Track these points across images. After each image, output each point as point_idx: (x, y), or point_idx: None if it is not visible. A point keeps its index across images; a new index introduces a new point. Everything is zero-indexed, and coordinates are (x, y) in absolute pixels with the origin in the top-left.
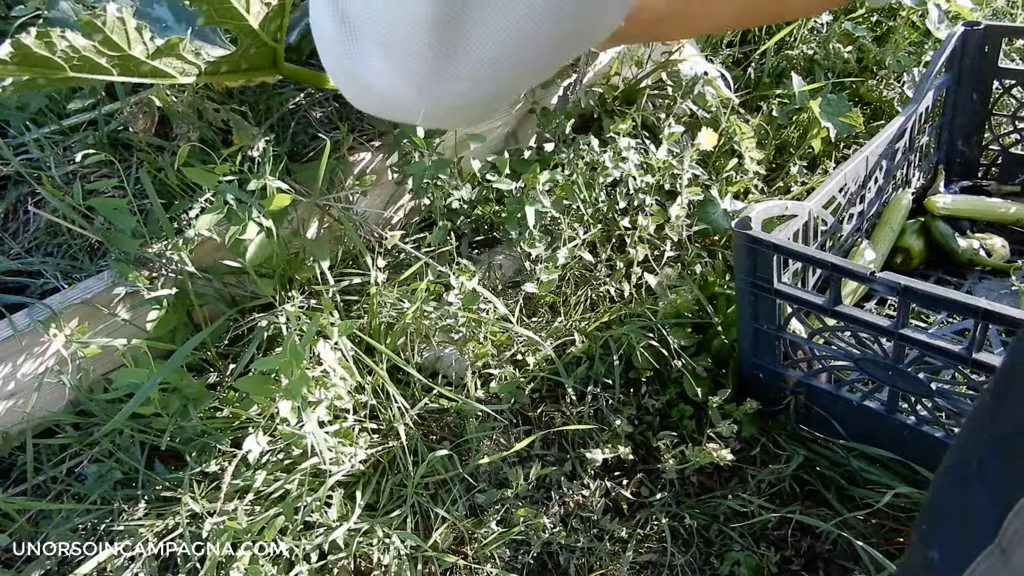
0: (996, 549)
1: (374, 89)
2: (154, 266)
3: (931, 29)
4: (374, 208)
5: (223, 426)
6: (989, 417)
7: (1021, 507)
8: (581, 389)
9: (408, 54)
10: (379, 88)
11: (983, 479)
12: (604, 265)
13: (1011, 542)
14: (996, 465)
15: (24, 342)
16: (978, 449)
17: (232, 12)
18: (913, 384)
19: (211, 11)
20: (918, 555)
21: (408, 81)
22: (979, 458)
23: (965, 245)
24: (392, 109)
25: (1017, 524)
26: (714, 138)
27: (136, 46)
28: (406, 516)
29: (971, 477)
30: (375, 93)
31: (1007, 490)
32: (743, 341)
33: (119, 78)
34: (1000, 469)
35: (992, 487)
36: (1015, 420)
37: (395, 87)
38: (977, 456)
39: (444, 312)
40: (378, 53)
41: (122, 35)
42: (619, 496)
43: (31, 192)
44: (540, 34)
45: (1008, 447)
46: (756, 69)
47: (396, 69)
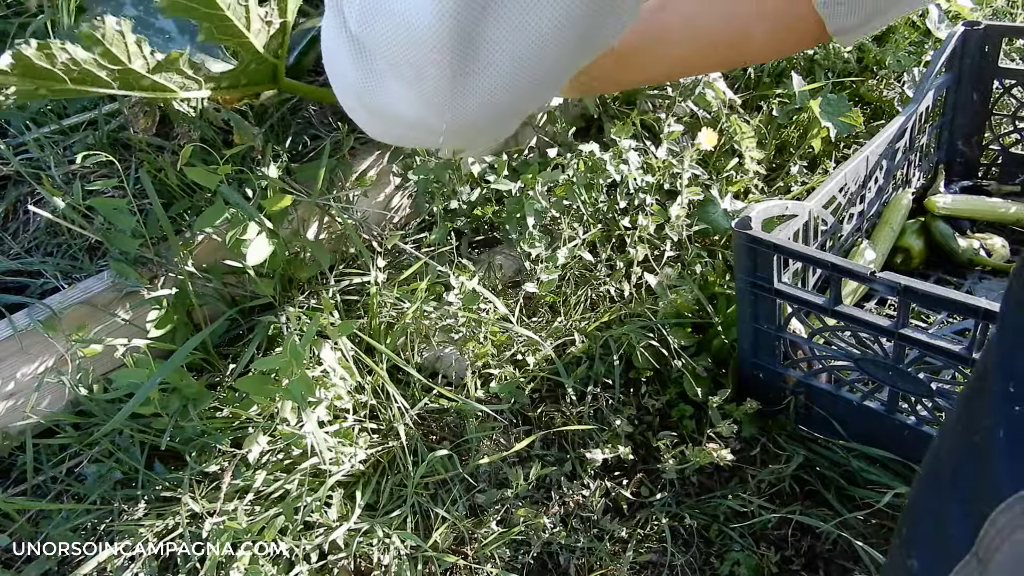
0: (973, 559)
1: (400, 118)
2: (154, 266)
3: (931, 29)
4: (374, 208)
5: (223, 426)
6: (962, 424)
7: (996, 516)
8: (581, 389)
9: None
10: (404, 115)
11: (957, 487)
12: (604, 265)
13: (987, 551)
14: (969, 473)
15: (24, 342)
16: (951, 457)
17: (233, 30)
18: (913, 384)
19: (211, 28)
20: (898, 561)
21: (430, 102)
22: (953, 466)
23: (965, 245)
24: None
25: (993, 533)
26: (714, 138)
27: (136, 60)
28: (406, 516)
29: (945, 485)
30: (400, 121)
31: (981, 499)
32: (743, 341)
33: (119, 92)
34: (974, 477)
35: (966, 496)
36: (986, 428)
37: (418, 110)
38: (951, 464)
39: (444, 312)
40: (399, 81)
41: (122, 48)
42: (619, 496)
43: (31, 192)
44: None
45: (980, 455)
46: (756, 69)
47: (418, 93)
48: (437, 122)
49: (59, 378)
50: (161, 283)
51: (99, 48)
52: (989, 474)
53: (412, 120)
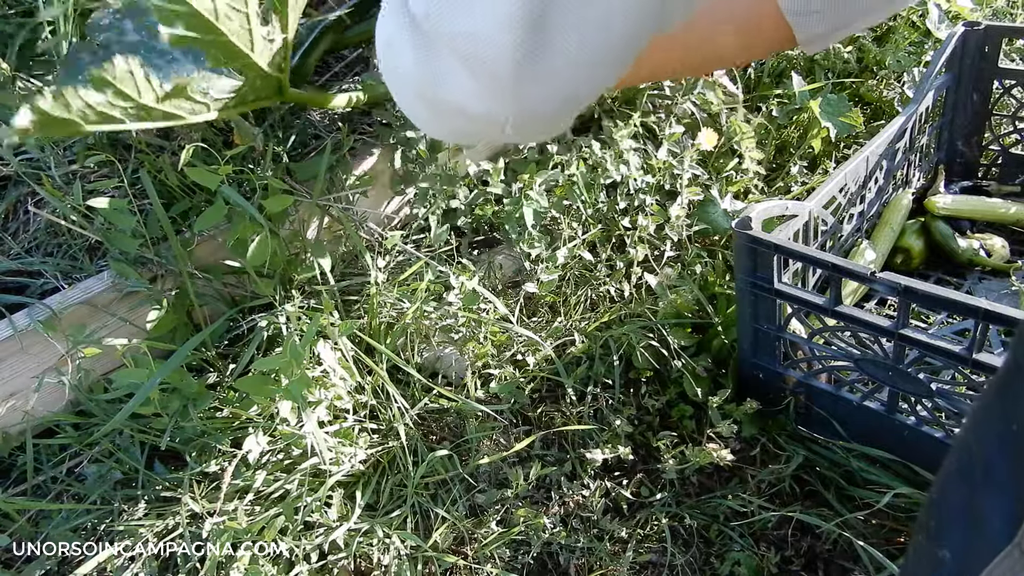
0: (1016, 550)
1: (462, 109)
2: (154, 266)
3: (931, 29)
4: (374, 208)
5: (223, 426)
6: (996, 416)
7: None
8: (581, 389)
9: (496, 61)
10: (467, 106)
11: (992, 479)
12: (604, 265)
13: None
14: (1005, 465)
15: (24, 342)
16: (984, 449)
17: (238, 53)
18: (913, 384)
19: (218, 55)
20: (927, 554)
21: (496, 91)
22: (986, 458)
23: (965, 245)
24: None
25: None
26: (714, 138)
27: (147, 94)
28: (406, 516)
29: (979, 477)
30: (462, 113)
31: (1020, 490)
32: (743, 341)
33: (133, 126)
34: (1010, 469)
35: (1003, 487)
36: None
37: (484, 102)
38: (984, 456)
39: (444, 312)
40: (466, 71)
41: (132, 86)
42: (619, 496)
43: (31, 192)
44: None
45: (1017, 447)
46: (756, 69)
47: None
48: (502, 112)
49: (59, 378)
50: (161, 283)
51: (111, 89)
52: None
53: (476, 112)
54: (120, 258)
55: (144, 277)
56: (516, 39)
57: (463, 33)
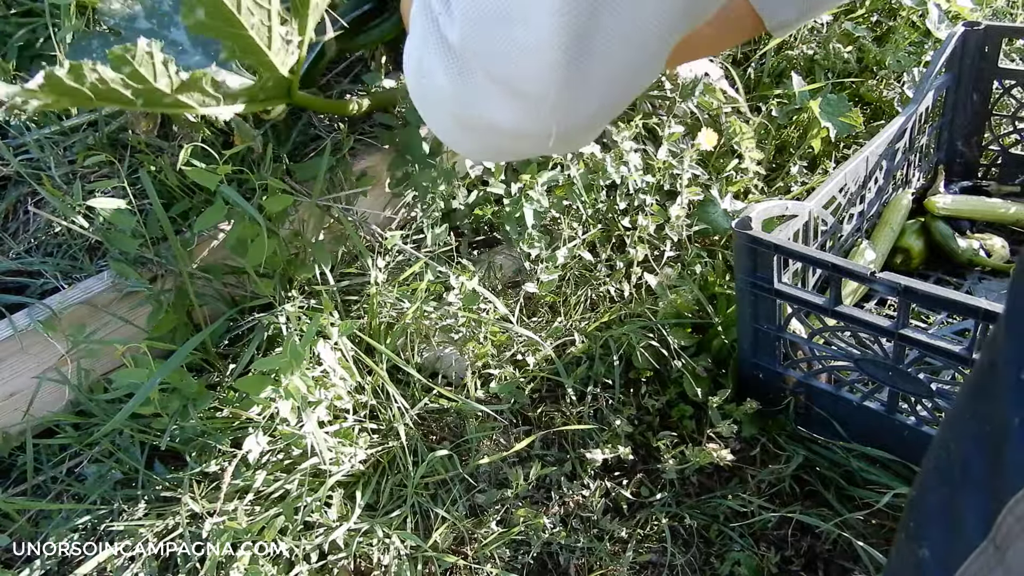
0: (990, 546)
1: (503, 129)
2: (154, 266)
3: (931, 29)
4: (374, 208)
5: (223, 426)
6: (969, 415)
7: (1015, 503)
8: (581, 389)
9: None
10: (509, 125)
11: (968, 477)
12: (604, 265)
13: (1005, 539)
14: (981, 463)
15: (24, 342)
16: (960, 448)
17: (255, 49)
18: (913, 384)
19: (235, 48)
20: (907, 553)
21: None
22: (963, 457)
23: (965, 245)
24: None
25: (1011, 521)
26: (714, 138)
27: (161, 79)
28: (406, 516)
29: (957, 476)
30: (499, 132)
31: (995, 488)
32: (743, 341)
33: (141, 108)
34: (985, 467)
35: (980, 486)
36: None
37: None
38: (960, 455)
39: (444, 312)
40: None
41: (149, 69)
42: (619, 496)
43: (31, 192)
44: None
45: (991, 445)
46: (756, 69)
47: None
48: (546, 127)
49: (59, 378)
50: (161, 283)
51: (128, 68)
52: (1004, 463)
53: (520, 130)
54: (120, 258)
55: (144, 277)
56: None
57: (505, 52)
